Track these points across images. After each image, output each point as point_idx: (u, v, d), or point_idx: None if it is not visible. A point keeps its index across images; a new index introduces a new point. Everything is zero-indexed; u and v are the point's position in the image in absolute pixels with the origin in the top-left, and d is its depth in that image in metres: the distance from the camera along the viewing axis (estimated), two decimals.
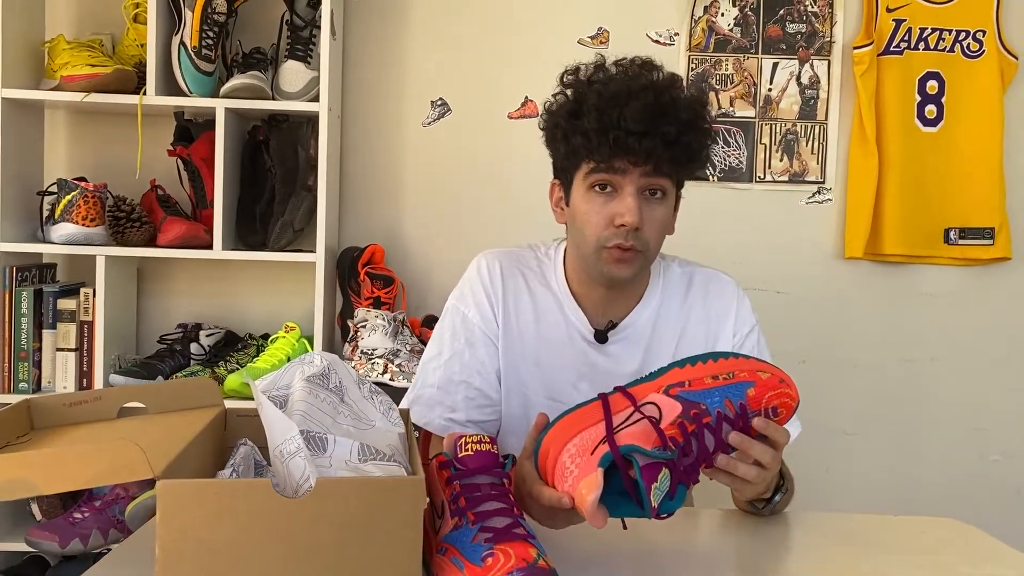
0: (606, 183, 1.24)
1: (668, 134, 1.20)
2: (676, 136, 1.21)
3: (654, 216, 1.25)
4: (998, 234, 2.31)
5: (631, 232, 1.23)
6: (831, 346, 2.37)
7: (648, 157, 1.21)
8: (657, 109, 1.20)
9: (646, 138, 1.19)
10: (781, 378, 0.99)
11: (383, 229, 2.33)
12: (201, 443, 1.01)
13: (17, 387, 2.06)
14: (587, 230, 1.27)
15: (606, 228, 1.25)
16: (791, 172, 2.35)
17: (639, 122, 1.19)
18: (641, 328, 1.35)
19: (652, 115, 1.19)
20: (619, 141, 1.20)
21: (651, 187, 1.24)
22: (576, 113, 1.25)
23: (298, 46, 2.12)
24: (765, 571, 1.08)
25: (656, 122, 1.19)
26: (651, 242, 1.26)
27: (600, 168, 1.23)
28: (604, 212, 1.24)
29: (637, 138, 1.19)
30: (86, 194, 2.04)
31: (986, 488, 2.37)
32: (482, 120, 2.32)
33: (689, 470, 0.95)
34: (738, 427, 0.97)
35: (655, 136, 1.19)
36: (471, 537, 0.88)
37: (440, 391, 1.36)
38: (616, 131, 1.19)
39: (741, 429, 0.97)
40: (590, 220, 1.26)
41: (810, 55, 2.34)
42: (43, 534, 1.91)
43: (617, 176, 1.23)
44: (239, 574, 0.82)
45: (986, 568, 1.08)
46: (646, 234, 1.25)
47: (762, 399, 0.97)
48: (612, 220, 1.24)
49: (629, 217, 1.22)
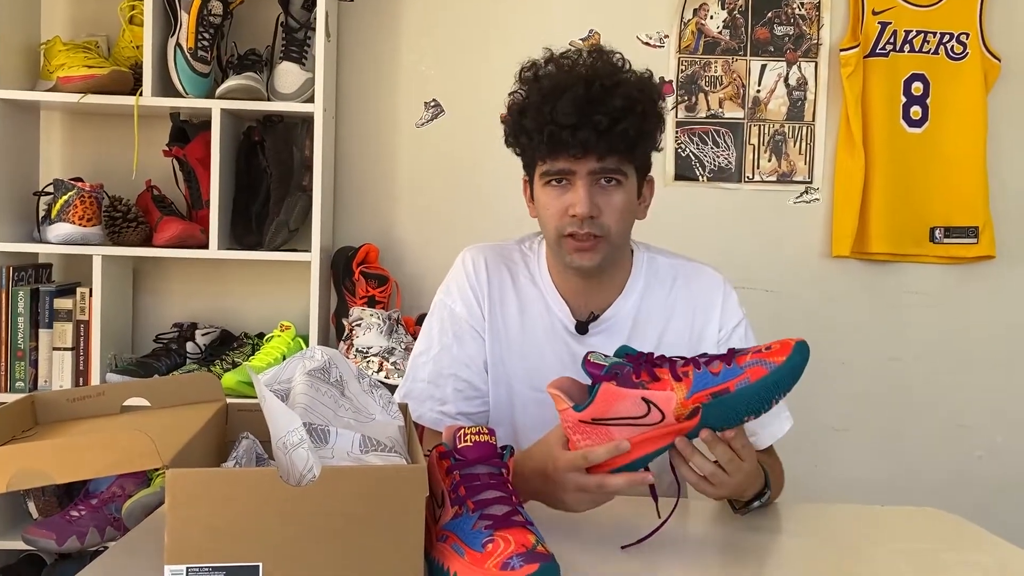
0: (560, 176, 1.27)
1: (599, 123, 1.22)
2: (609, 125, 1.22)
3: (610, 202, 1.27)
4: (982, 233, 2.35)
5: (585, 220, 1.26)
6: (818, 344, 2.36)
7: (585, 148, 1.23)
8: (586, 99, 1.22)
9: (579, 130, 1.22)
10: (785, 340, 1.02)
11: (377, 229, 2.35)
12: (204, 436, 1.03)
13: (14, 386, 2.07)
14: (546, 222, 1.31)
15: (562, 218, 1.28)
16: (779, 172, 2.39)
17: (569, 115, 1.22)
18: (622, 319, 1.37)
19: (581, 106, 1.22)
20: (553, 136, 1.23)
21: (605, 175, 1.27)
22: (523, 111, 1.29)
23: (293, 47, 2.14)
24: (754, 559, 1.11)
25: (585, 113, 1.21)
26: (611, 227, 1.28)
27: (550, 164, 1.27)
28: (559, 203, 1.28)
29: (570, 131, 1.22)
30: (82, 194, 2.05)
31: (970, 484, 2.41)
32: (475, 121, 2.35)
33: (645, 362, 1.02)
34: (717, 356, 1.01)
35: (586, 127, 1.22)
36: (471, 524, 0.91)
37: (431, 385, 1.38)
38: (550, 126, 1.23)
39: (720, 357, 1.01)
40: (548, 212, 1.30)
41: (797, 57, 2.37)
42: (40, 532, 1.93)
43: (566, 169, 1.26)
44: (245, 561, 0.84)
45: (968, 554, 1.12)
46: (604, 220, 1.27)
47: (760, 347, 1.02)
48: (567, 210, 1.27)
49: (579, 207, 1.25)
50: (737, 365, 0.99)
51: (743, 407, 1.00)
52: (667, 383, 1.00)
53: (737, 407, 1.00)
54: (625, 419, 1.02)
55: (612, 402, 1.02)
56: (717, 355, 1.02)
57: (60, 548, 1.92)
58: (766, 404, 1.00)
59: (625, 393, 1.01)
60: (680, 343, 1.38)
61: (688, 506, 1.35)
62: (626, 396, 1.01)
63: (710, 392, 0.99)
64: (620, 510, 1.13)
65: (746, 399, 0.99)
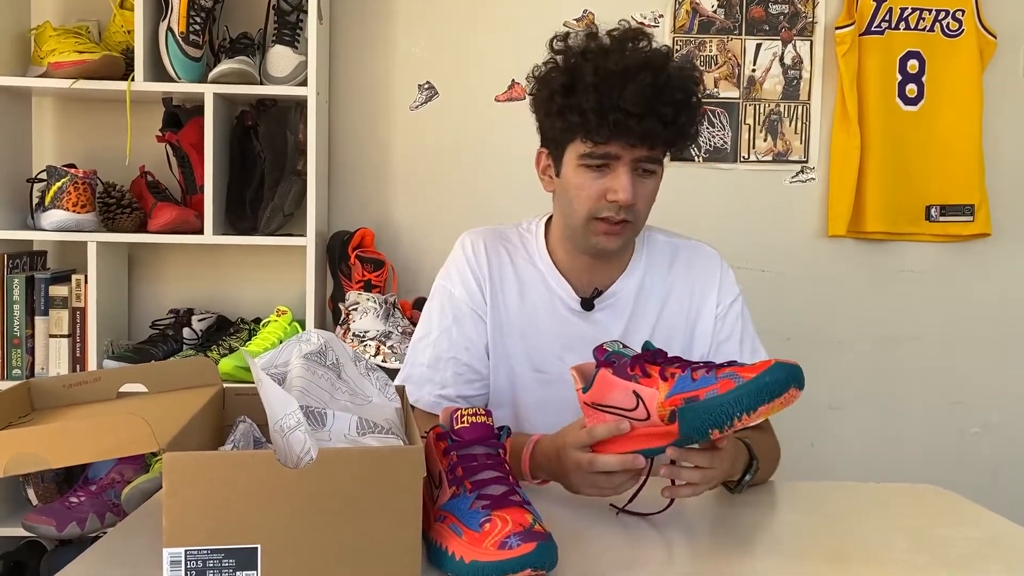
0: (603, 163, 1.26)
1: (665, 115, 1.22)
2: (673, 117, 1.23)
3: (645, 191, 1.28)
4: (978, 211, 2.35)
5: (623, 208, 1.26)
6: (815, 323, 2.41)
7: (645, 138, 1.23)
8: (655, 90, 1.21)
9: (645, 120, 1.21)
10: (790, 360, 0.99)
11: (372, 213, 2.35)
12: (201, 420, 1.03)
13: (11, 374, 2.07)
14: (578, 203, 1.29)
15: (598, 202, 1.27)
16: (775, 152, 2.38)
17: (638, 104, 1.20)
18: (626, 297, 1.39)
19: (650, 97, 1.21)
20: (619, 123, 1.21)
21: (645, 164, 1.27)
22: (571, 89, 1.25)
23: (285, 31, 2.13)
24: (750, 537, 1.12)
25: (654, 104, 1.21)
26: (641, 215, 1.30)
27: (597, 147, 1.24)
28: (596, 186, 1.27)
29: (636, 120, 1.21)
30: (76, 181, 2.04)
31: (965, 461, 2.42)
32: (469, 103, 2.34)
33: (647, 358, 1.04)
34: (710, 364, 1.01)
35: (653, 118, 1.21)
36: (469, 504, 0.91)
37: (430, 369, 1.39)
38: (616, 113, 1.21)
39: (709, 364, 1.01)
40: (582, 194, 1.28)
41: (793, 36, 2.36)
42: (40, 518, 1.93)
43: (612, 154, 1.25)
44: (244, 543, 0.84)
45: (962, 529, 1.12)
46: (638, 207, 1.28)
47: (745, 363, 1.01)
48: (604, 195, 1.26)
49: (623, 195, 1.24)
50: (715, 375, 0.97)
51: (708, 418, 0.96)
52: (655, 380, 1.01)
53: (704, 417, 0.96)
54: (618, 408, 1.03)
55: (607, 390, 1.03)
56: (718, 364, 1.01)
57: (60, 534, 1.93)
58: (727, 419, 0.95)
59: (618, 383, 1.02)
60: (679, 319, 1.40)
61: None
62: (619, 386, 1.02)
63: (684, 396, 0.98)
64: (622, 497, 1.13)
65: (710, 410, 0.96)
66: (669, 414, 0.99)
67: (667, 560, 1.00)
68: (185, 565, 0.83)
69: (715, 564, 1.01)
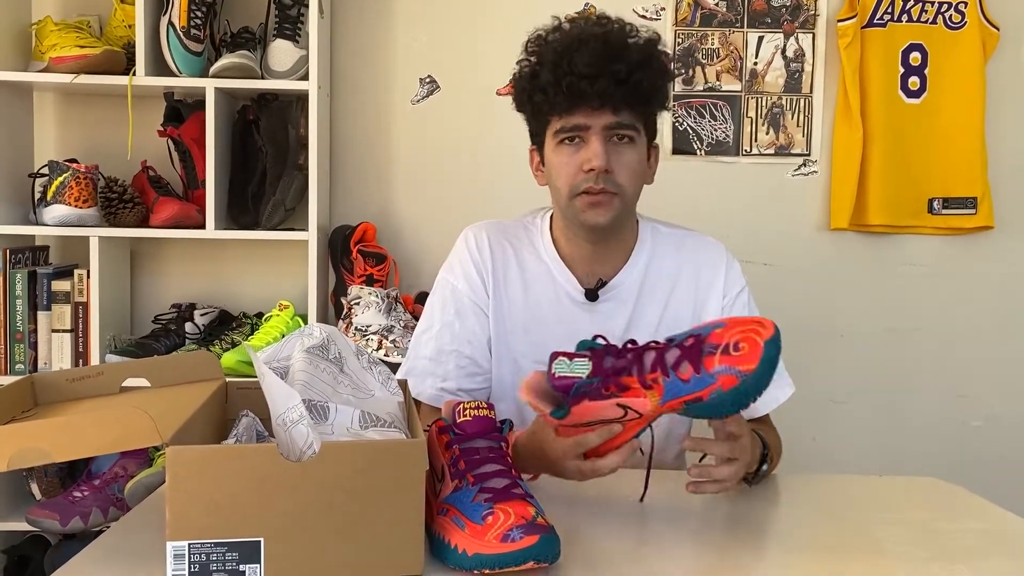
0: (574, 135, 1.28)
1: (619, 72, 1.24)
2: (627, 75, 1.24)
3: (623, 159, 1.29)
4: (980, 203, 2.34)
5: (601, 175, 1.27)
6: (817, 316, 2.40)
7: (603, 99, 1.25)
8: (605, 52, 1.24)
9: (598, 80, 1.23)
10: (759, 320, 0.99)
11: (374, 207, 2.34)
12: (204, 414, 1.03)
13: (14, 368, 2.07)
14: (560, 181, 1.31)
15: (576, 176, 1.29)
16: (777, 145, 2.38)
17: (589, 65, 1.23)
18: (630, 287, 1.39)
19: (601, 57, 1.24)
20: (572, 87, 1.24)
21: (617, 132, 1.28)
22: (535, 73, 1.30)
23: (286, 25, 2.13)
24: (754, 530, 1.12)
25: (605, 63, 1.24)
26: (625, 185, 1.30)
27: (564, 119, 1.28)
28: (574, 161, 1.29)
29: (589, 81, 1.23)
30: (78, 175, 2.04)
31: (969, 454, 2.42)
32: (470, 97, 2.34)
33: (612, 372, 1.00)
34: (685, 354, 0.98)
35: (606, 77, 1.24)
36: (471, 497, 0.91)
37: (432, 362, 1.39)
38: (569, 77, 1.24)
39: (688, 356, 0.98)
40: (562, 171, 1.30)
41: (795, 28, 2.36)
42: (44, 513, 1.94)
43: (581, 125, 1.27)
44: (247, 537, 0.84)
45: (965, 523, 1.12)
46: (618, 177, 1.29)
47: (725, 335, 0.99)
48: (581, 167, 1.28)
49: (596, 161, 1.26)
50: (707, 372, 0.96)
51: (720, 411, 0.98)
52: (638, 391, 1.00)
53: (713, 411, 0.99)
54: (606, 421, 1.02)
55: (588, 413, 1.02)
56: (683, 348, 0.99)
57: (64, 528, 1.93)
58: (743, 406, 0.98)
59: (600, 404, 1.01)
60: (684, 310, 1.40)
61: (686, 478, 1.35)
62: (602, 406, 1.01)
63: (683, 400, 0.98)
64: (622, 487, 1.13)
65: (721, 405, 0.97)
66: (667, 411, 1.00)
67: (670, 553, 1.00)
68: (189, 558, 0.83)
69: (718, 556, 1.01)
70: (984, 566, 0.98)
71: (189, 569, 0.83)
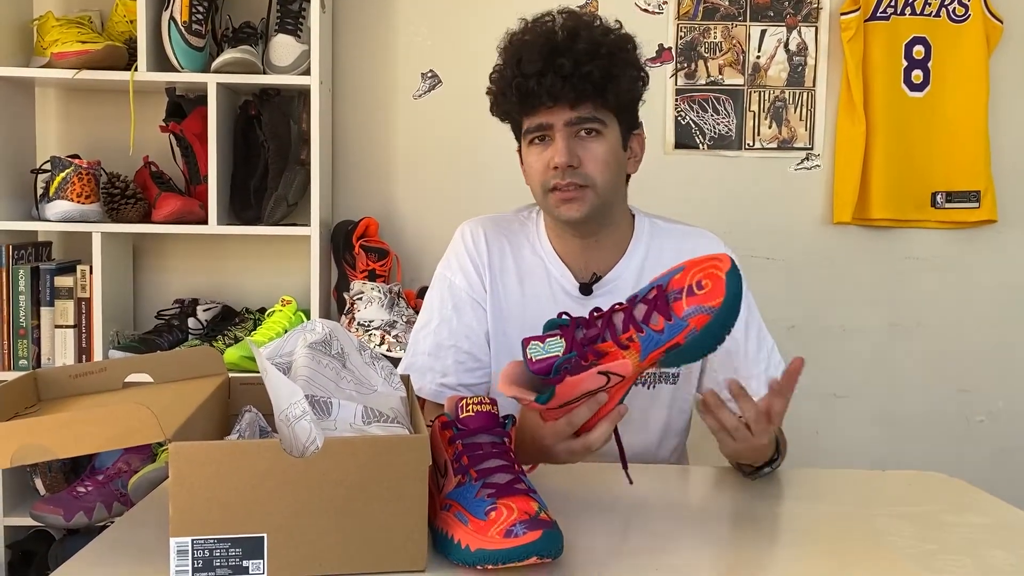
0: (542, 135, 1.29)
1: (562, 67, 1.23)
2: (573, 68, 1.24)
3: (591, 153, 1.28)
4: (984, 197, 2.34)
5: (565, 171, 1.27)
6: (820, 311, 2.40)
7: (553, 96, 1.25)
8: (549, 49, 1.24)
9: (543, 77, 1.24)
10: (715, 256, 1.01)
11: (377, 202, 2.34)
12: (207, 410, 1.03)
13: (17, 364, 2.07)
14: (532, 181, 1.33)
15: (546, 173, 1.30)
16: (780, 139, 2.37)
17: (532, 63, 1.24)
18: (626, 281, 1.38)
19: (544, 55, 1.24)
20: (521, 88, 1.26)
21: (582, 126, 1.28)
22: (500, 77, 1.32)
23: (288, 20, 2.12)
24: (756, 524, 1.12)
25: (548, 60, 1.24)
26: (595, 177, 1.29)
27: (529, 120, 1.29)
28: (542, 159, 1.30)
29: (535, 79, 1.24)
30: (80, 171, 2.04)
31: (971, 448, 2.42)
32: (473, 92, 2.30)
33: (586, 342, 1.01)
34: (653, 306, 1.00)
35: (550, 73, 1.24)
36: (474, 493, 0.91)
37: (431, 357, 1.39)
38: (518, 79, 1.26)
39: (656, 307, 1.00)
40: (532, 170, 1.32)
41: (798, 22, 2.35)
42: (48, 508, 1.94)
43: (544, 124, 1.28)
44: (250, 532, 0.85)
45: (967, 517, 1.12)
46: (587, 170, 1.28)
47: (685, 278, 1.00)
48: (549, 164, 1.29)
49: (558, 157, 1.27)
50: (678, 317, 0.98)
51: (700, 351, 1.01)
52: (616, 354, 1.01)
53: (694, 352, 1.01)
54: (591, 392, 1.03)
55: (572, 389, 1.02)
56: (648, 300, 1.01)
57: (68, 524, 1.93)
58: (720, 340, 1.00)
59: (582, 377, 1.01)
60: None
61: (690, 474, 1.36)
62: (584, 378, 1.01)
63: (663, 350, 1.00)
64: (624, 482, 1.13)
65: (700, 345, 1.00)
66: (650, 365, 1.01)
67: (673, 548, 1.00)
68: (192, 554, 0.84)
69: (721, 551, 1.01)
70: (986, 559, 0.98)
71: (193, 565, 0.84)
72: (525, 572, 0.87)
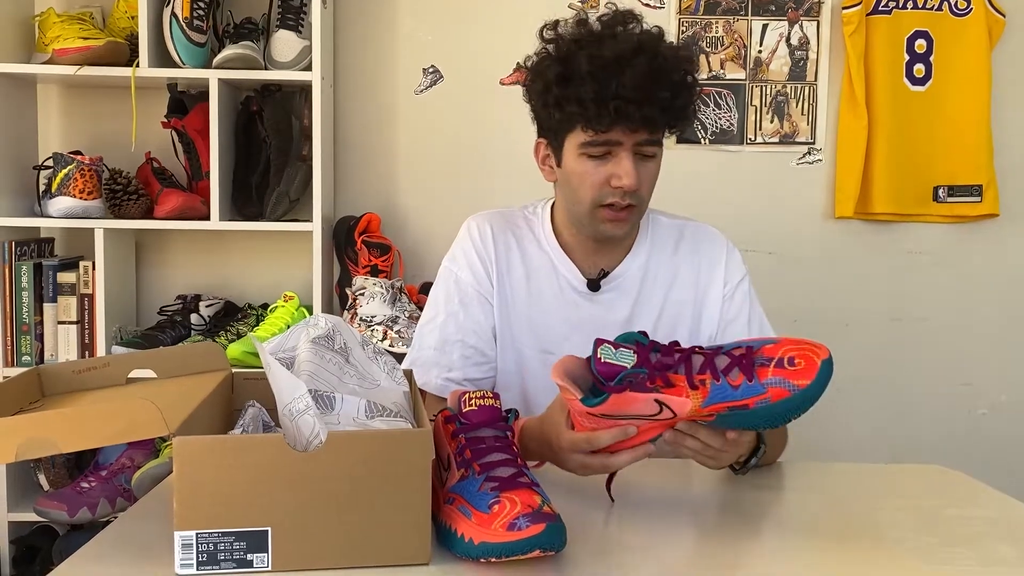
0: (606, 151, 1.26)
1: (664, 100, 1.22)
2: (671, 101, 1.23)
3: (648, 173, 1.29)
4: (986, 191, 2.33)
5: (628, 192, 1.26)
6: (822, 305, 2.40)
7: (646, 123, 1.23)
8: (652, 75, 1.21)
9: (645, 106, 1.21)
10: (813, 342, 0.98)
11: (378, 197, 2.34)
12: (210, 405, 1.03)
13: (20, 360, 2.08)
14: (582, 192, 1.29)
15: (602, 189, 1.27)
16: (781, 133, 2.37)
17: (637, 90, 1.20)
18: (632, 278, 1.39)
19: (649, 82, 1.20)
20: (620, 111, 1.21)
21: (647, 148, 1.27)
22: (566, 79, 1.24)
23: (289, 15, 2.12)
24: (758, 518, 1.12)
25: (653, 88, 1.21)
26: (646, 196, 1.31)
27: (598, 135, 1.24)
28: (600, 174, 1.27)
29: (636, 106, 1.20)
30: (82, 167, 2.04)
31: (974, 441, 2.42)
32: (474, 87, 2.33)
33: (659, 367, 0.99)
34: (737, 362, 0.97)
35: (653, 103, 1.21)
36: (477, 486, 0.91)
37: (437, 352, 1.39)
38: (616, 101, 1.20)
39: (740, 364, 0.97)
40: (585, 182, 1.28)
41: (799, 16, 2.35)
42: (51, 503, 1.95)
43: (614, 141, 1.25)
44: (254, 526, 0.85)
45: (969, 510, 1.12)
46: (642, 191, 1.29)
47: (779, 350, 0.97)
48: (608, 181, 1.26)
49: (628, 180, 1.24)
50: (759, 382, 0.95)
51: (760, 422, 0.98)
52: (683, 390, 0.98)
53: (754, 422, 0.99)
54: (637, 416, 1.00)
55: (625, 405, 1.00)
56: (733, 355, 0.98)
57: (71, 519, 1.94)
58: (783, 422, 0.98)
59: (639, 396, 0.99)
60: (686, 299, 1.40)
61: (690, 466, 1.35)
62: (640, 399, 0.99)
63: (728, 406, 0.97)
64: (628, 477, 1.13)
65: (764, 417, 0.97)
66: (705, 415, 0.98)
67: (675, 541, 1.01)
68: (197, 548, 0.84)
69: (723, 545, 1.01)
70: (988, 552, 0.98)
71: (197, 558, 0.84)
72: (528, 565, 0.88)
